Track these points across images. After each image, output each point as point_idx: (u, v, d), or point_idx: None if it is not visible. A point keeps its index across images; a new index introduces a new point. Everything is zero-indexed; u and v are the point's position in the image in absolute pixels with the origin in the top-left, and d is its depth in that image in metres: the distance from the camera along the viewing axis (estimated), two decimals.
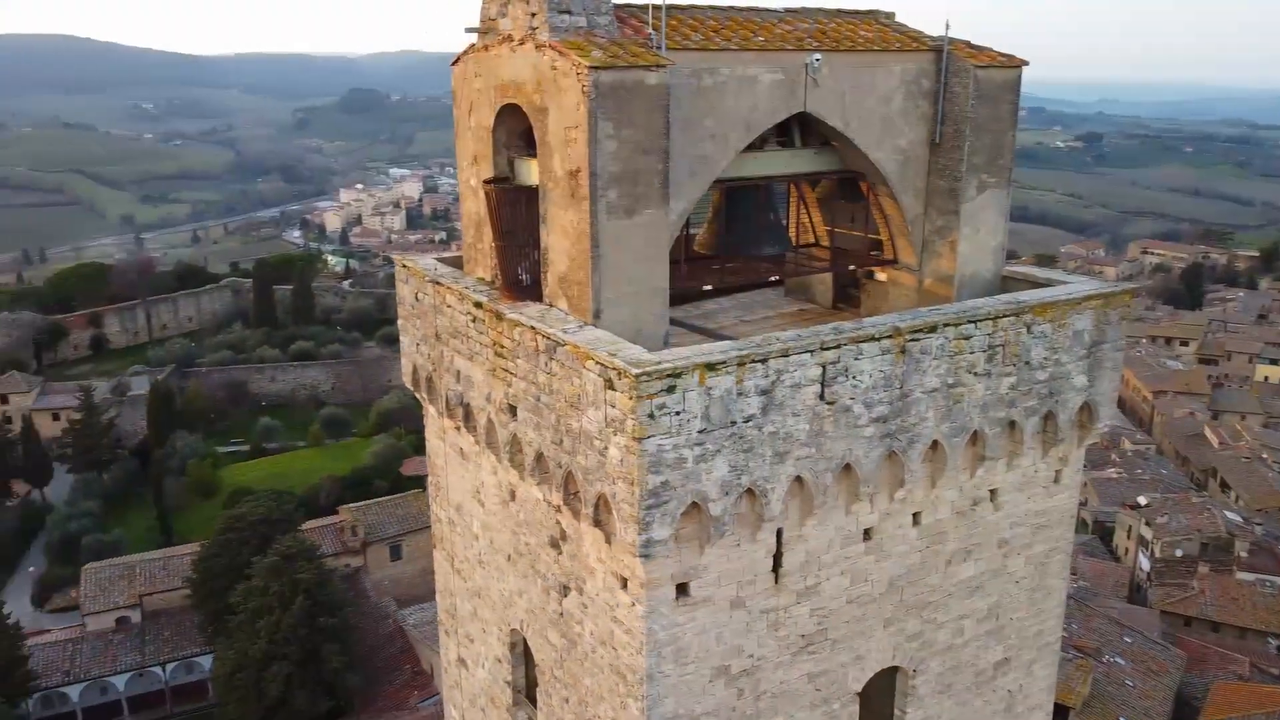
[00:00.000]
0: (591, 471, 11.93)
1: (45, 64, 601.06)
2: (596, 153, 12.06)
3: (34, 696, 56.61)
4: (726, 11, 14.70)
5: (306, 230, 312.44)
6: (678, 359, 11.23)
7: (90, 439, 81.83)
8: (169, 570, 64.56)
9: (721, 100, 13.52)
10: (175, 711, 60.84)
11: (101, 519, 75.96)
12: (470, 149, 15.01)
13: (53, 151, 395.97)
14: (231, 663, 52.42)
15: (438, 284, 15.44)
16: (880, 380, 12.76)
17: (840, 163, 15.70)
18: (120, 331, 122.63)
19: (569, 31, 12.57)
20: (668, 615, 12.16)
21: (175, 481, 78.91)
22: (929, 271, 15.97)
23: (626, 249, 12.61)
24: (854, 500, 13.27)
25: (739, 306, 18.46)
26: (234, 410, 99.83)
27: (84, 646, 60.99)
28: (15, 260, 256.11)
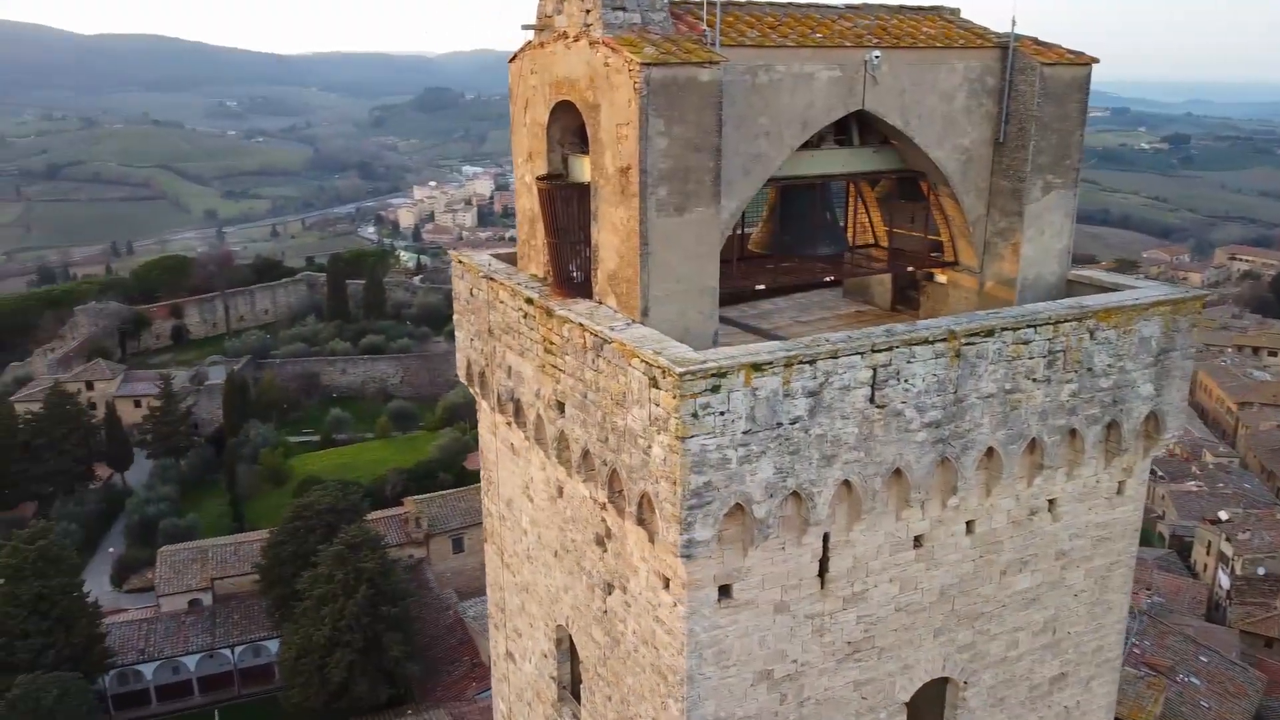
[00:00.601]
0: (635, 470, 11.87)
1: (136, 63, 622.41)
2: (647, 149, 12.00)
3: (110, 673, 58.53)
4: (785, 8, 14.52)
5: (381, 226, 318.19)
6: (723, 358, 11.11)
7: (169, 426, 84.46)
8: (239, 555, 66.22)
9: (777, 97, 13.34)
10: (243, 693, 62.25)
11: (177, 504, 78.32)
12: (525, 146, 15.07)
13: (142, 147, 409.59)
14: (296, 648, 53.57)
15: (491, 280, 15.53)
16: (933, 384, 12.47)
17: (900, 162, 15.40)
18: (200, 322, 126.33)
19: (623, 28, 12.53)
20: (709, 617, 12.04)
21: (248, 469, 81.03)
22: (990, 274, 15.58)
23: (676, 247, 12.53)
24: (904, 506, 12.99)
25: (796, 307, 18.25)
26: (306, 401, 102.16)
27: (158, 626, 62.87)
28: (104, 252, 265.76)
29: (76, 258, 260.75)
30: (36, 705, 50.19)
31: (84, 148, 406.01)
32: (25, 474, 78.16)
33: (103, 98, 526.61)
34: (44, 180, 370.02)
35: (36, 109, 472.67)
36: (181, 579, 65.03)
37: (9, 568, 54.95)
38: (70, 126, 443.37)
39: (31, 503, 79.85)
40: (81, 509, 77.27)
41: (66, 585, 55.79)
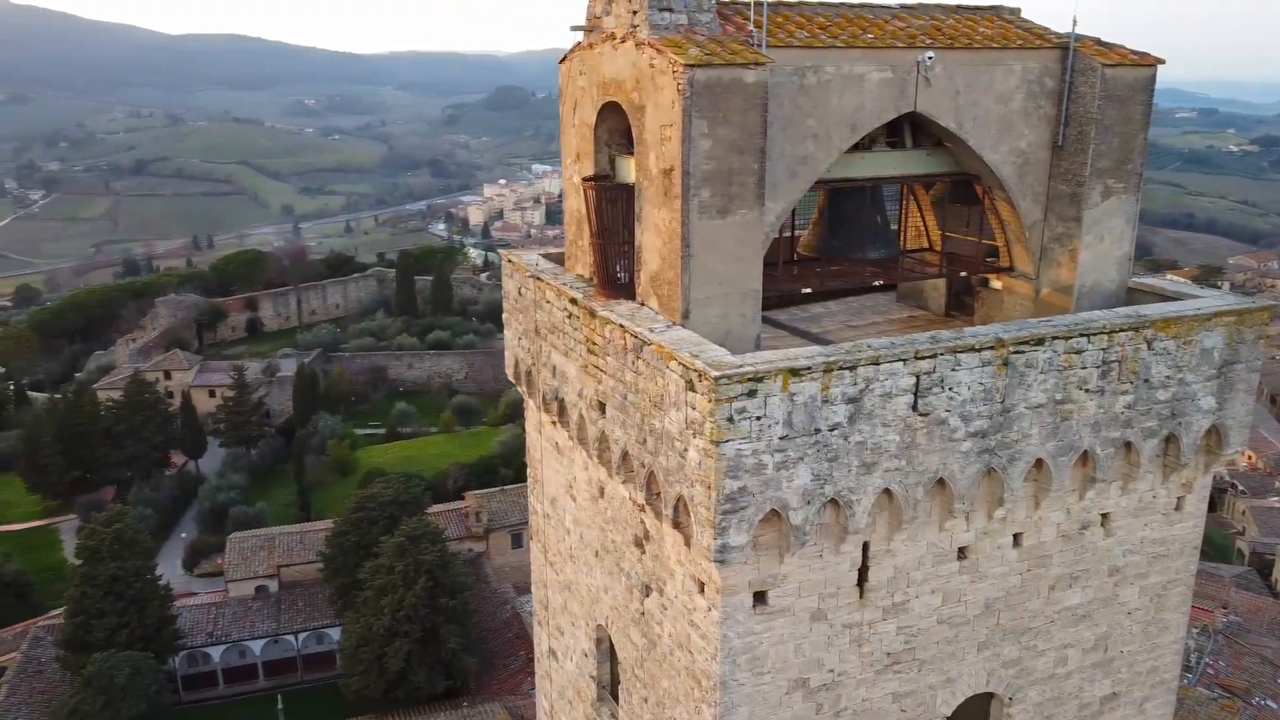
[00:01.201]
0: (672, 473, 11.83)
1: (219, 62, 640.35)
2: (690, 151, 11.94)
3: (180, 654, 60.34)
4: (837, 8, 14.33)
5: (450, 223, 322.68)
6: (760, 363, 11.00)
7: (241, 416, 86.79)
8: (305, 544, 67.72)
9: (825, 99, 13.17)
10: (306, 679, 63.62)
11: (247, 491, 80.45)
12: (574, 146, 15.12)
13: (223, 144, 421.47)
14: (357, 636, 54.58)
15: (538, 279, 15.62)
16: (980, 393, 12.19)
17: (954, 164, 15.09)
18: (273, 315, 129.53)
19: (669, 29, 12.49)
20: (744, 623, 11.94)
21: (315, 460, 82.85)
22: (1047, 281, 15.18)
23: (718, 249, 12.45)
24: (948, 517, 12.73)
25: (848, 311, 18.02)
26: (373, 394, 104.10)
27: (226, 611, 64.62)
28: (186, 245, 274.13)
29: (160, 251, 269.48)
30: (110, 683, 51.97)
31: (169, 144, 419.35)
32: (106, 459, 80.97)
33: (188, 95, 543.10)
34: (131, 175, 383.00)
35: (125, 107, 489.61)
36: (249, 565, 66.76)
37: (86, 549, 56.98)
38: (157, 124, 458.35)
39: (111, 487, 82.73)
40: (157, 494, 79.79)
41: (140, 568, 57.59)
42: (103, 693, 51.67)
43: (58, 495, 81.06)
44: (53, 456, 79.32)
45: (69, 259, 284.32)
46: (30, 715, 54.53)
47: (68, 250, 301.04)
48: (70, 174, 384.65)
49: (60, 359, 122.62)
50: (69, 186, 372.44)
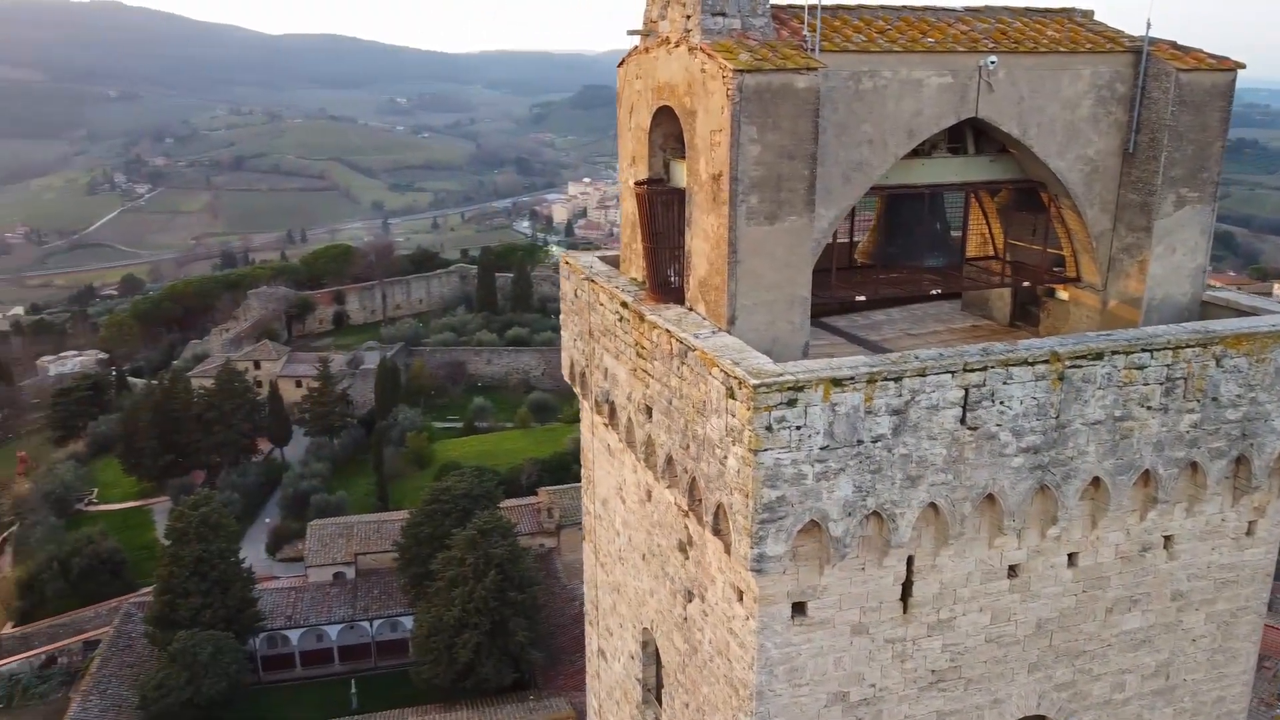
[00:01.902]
0: (713, 479, 11.79)
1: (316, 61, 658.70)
2: (738, 157, 11.86)
3: (260, 635, 62.33)
4: (898, 11, 14.08)
5: (535, 221, 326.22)
6: (801, 372, 10.89)
7: (325, 406, 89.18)
8: (382, 533, 69.27)
9: (882, 104, 12.95)
10: (379, 665, 65.10)
11: (329, 480, 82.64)
12: (630, 149, 15.17)
13: (318, 141, 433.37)
14: (428, 625, 55.65)
15: (592, 281, 15.71)
16: (1033, 408, 11.85)
17: (1019, 171, 14.70)
18: (359, 309, 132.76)
19: (722, 34, 12.42)
20: (782, 633, 11.83)
21: (394, 451, 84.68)
22: (1114, 292, 14.68)
23: (766, 256, 12.34)
24: (997, 533, 12.41)
25: (910, 319, 17.71)
26: (452, 388, 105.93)
27: (305, 595, 66.53)
28: (281, 239, 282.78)
29: (256, 244, 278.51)
30: (193, 660, 54.01)
31: (267, 141, 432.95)
32: (197, 444, 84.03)
33: (285, 93, 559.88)
34: (230, 171, 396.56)
35: (227, 104, 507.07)
36: (328, 552, 68.58)
37: (175, 531, 59.28)
38: (255, 121, 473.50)
39: (202, 471, 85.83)
40: (244, 480, 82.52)
41: (225, 550, 59.68)
42: (186, 669, 53.71)
43: (152, 478, 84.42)
44: (148, 440, 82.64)
45: (172, 251, 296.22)
46: (120, 687, 56.99)
47: (171, 242, 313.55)
48: (174, 169, 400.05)
49: (159, 347, 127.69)
50: (173, 181, 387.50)
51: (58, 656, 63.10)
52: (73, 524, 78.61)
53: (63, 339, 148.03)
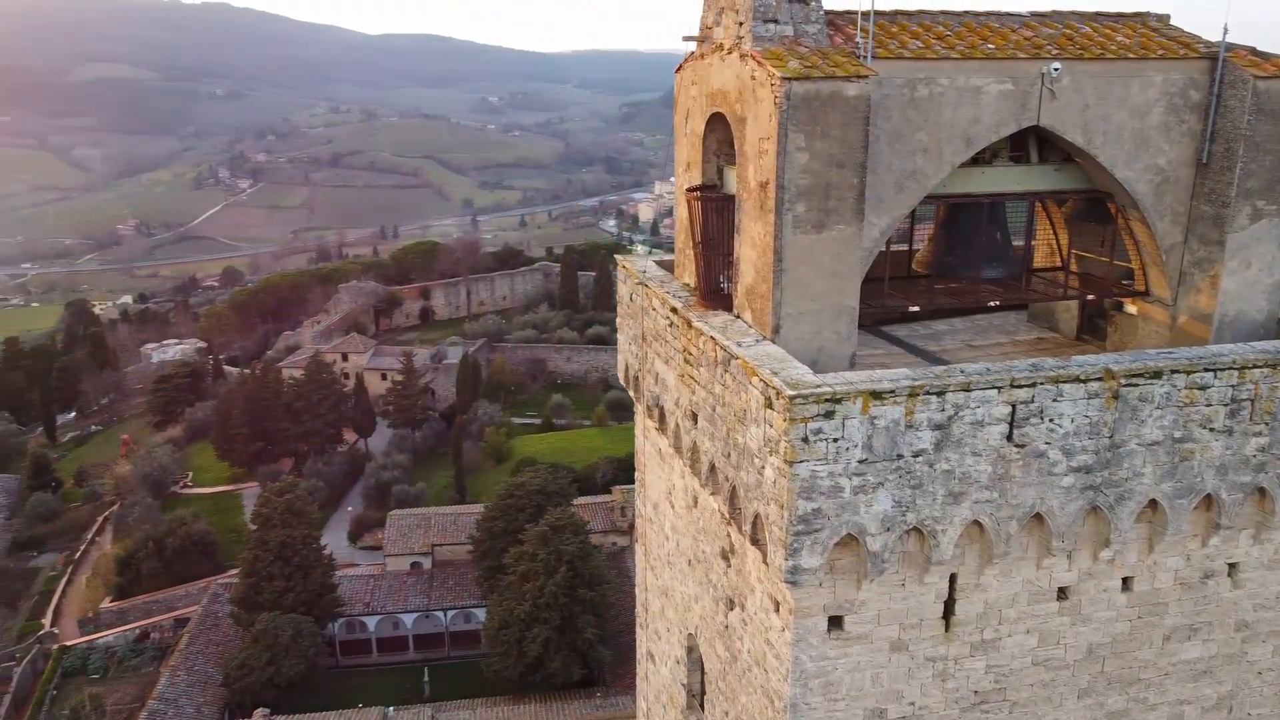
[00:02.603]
0: (751, 489, 11.74)
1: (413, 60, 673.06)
2: (785, 165, 11.78)
3: (339, 621, 64.09)
4: (960, 16, 13.79)
5: (621, 220, 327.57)
6: (839, 384, 10.76)
7: (408, 400, 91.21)
8: (458, 525, 70.52)
9: (938, 112, 12.71)
10: (452, 655, 66.32)
11: (409, 472, 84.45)
12: (685, 155, 15.17)
13: (412, 139, 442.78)
14: (499, 619, 56.46)
15: (645, 286, 15.76)
16: (1084, 426, 11.49)
17: (1085, 181, 14.26)
18: (444, 304, 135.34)
19: (773, 41, 12.34)
20: (817, 647, 11.71)
21: (473, 445, 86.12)
22: (1185, 308, 14.14)
23: (812, 264, 12.23)
24: (1045, 554, 12.07)
25: (972, 329, 17.33)
26: (531, 385, 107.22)
27: (383, 583, 68.18)
28: (374, 235, 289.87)
29: (350, 239, 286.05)
30: (274, 641, 55.90)
31: (363, 138, 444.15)
32: (286, 433, 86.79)
33: (383, 92, 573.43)
34: (328, 167, 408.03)
35: (327, 102, 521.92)
36: (406, 542, 70.12)
37: (260, 516, 61.38)
38: (353, 119, 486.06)
39: (289, 459, 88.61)
40: (329, 468, 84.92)
41: (307, 537, 61.58)
42: (268, 650, 55.61)
43: (243, 463, 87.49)
44: (240, 427, 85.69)
45: (270, 244, 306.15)
46: (206, 664, 59.29)
47: (270, 236, 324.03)
48: (275, 165, 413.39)
49: (254, 337, 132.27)
50: (274, 176, 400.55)
51: (150, 632, 65.85)
52: (168, 505, 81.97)
53: (166, 327, 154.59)
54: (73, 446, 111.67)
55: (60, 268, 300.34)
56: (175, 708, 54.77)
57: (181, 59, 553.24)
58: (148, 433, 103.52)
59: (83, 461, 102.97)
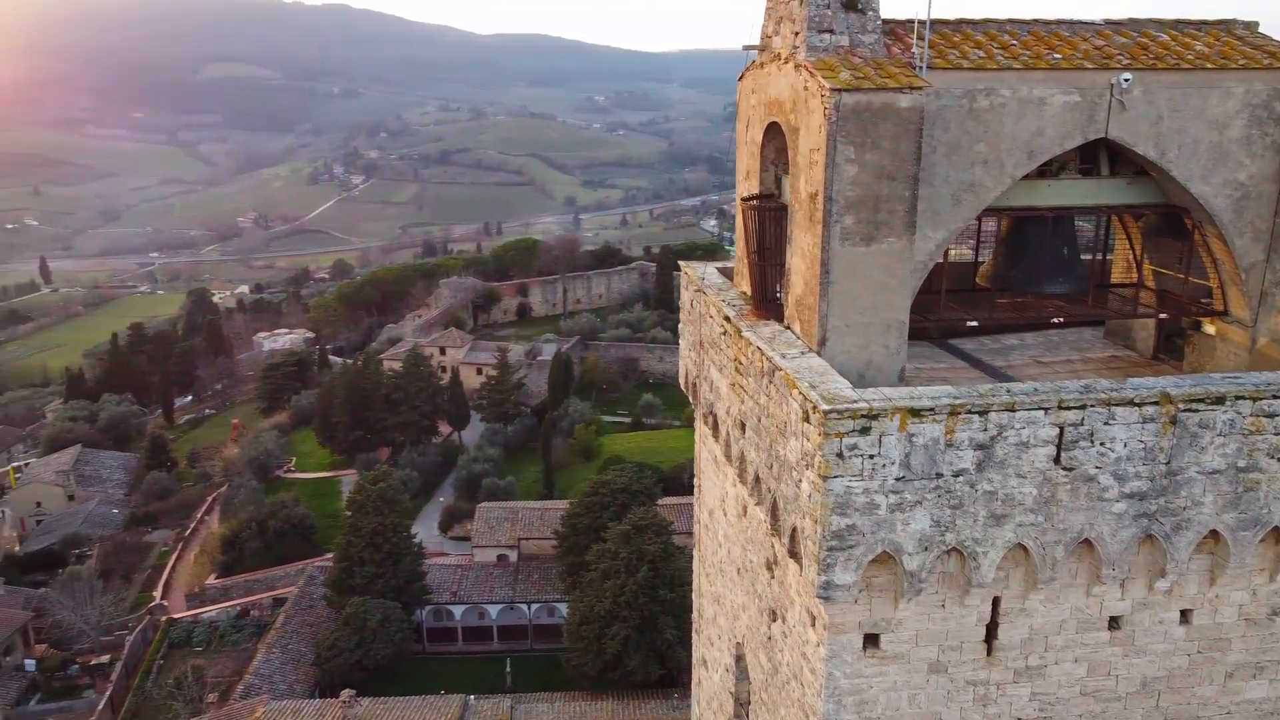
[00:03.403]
0: (790, 502, 11.69)
1: (522, 59, 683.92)
2: (833, 177, 11.69)
3: (426, 608, 65.70)
4: (1028, 25, 13.44)
5: (721, 220, 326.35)
6: (876, 399, 10.63)
7: (501, 395, 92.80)
8: (545, 520, 71.46)
9: (998, 124, 12.43)
10: (535, 648, 67.32)
11: (500, 465, 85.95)
12: (745, 164, 15.16)
13: (518, 137, 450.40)
14: (580, 615, 57.02)
15: (702, 293, 15.80)
16: (1138, 451, 11.09)
17: (1159, 195, 13.73)
18: (541, 301, 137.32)
19: (828, 51, 12.25)
20: (852, 664, 11.59)
21: (563, 442, 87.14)
22: (1265, 329, 13.50)
23: (861, 277, 12.10)
24: (1095, 581, 11.68)
25: (1045, 345, 16.85)
26: (623, 384, 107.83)
27: (470, 574, 69.60)
28: (478, 231, 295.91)
29: (455, 235, 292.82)
30: (363, 625, 57.65)
31: (472, 136, 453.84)
32: (384, 423, 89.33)
33: (491, 91, 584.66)
34: (437, 165, 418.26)
35: (438, 101, 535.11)
36: (493, 534, 71.43)
37: (354, 503, 63.39)
38: (462, 117, 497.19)
39: (386, 448, 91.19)
40: (423, 459, 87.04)
41: (398, 525, 63.28)
42: (357, 633, 57.39)
43: (343, 451, 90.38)
44: (341, 416, 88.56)
45: (379, 239, 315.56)
46: (299, 644, 61.57)
47: (379, 230, 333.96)
48: (386, 161, 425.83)
49: (359, 328, 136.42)
50: (385, 173, 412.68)
51: (250, 609, 68.75)
52: (272, 488, 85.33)
53: (278, 317, 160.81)
54: (188, 429, 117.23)
55: (185, 257, 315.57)
56: (269, 684, 57.04)
57: (302, 58, 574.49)
58: (256, 418, 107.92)
59: (196, 443, 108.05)
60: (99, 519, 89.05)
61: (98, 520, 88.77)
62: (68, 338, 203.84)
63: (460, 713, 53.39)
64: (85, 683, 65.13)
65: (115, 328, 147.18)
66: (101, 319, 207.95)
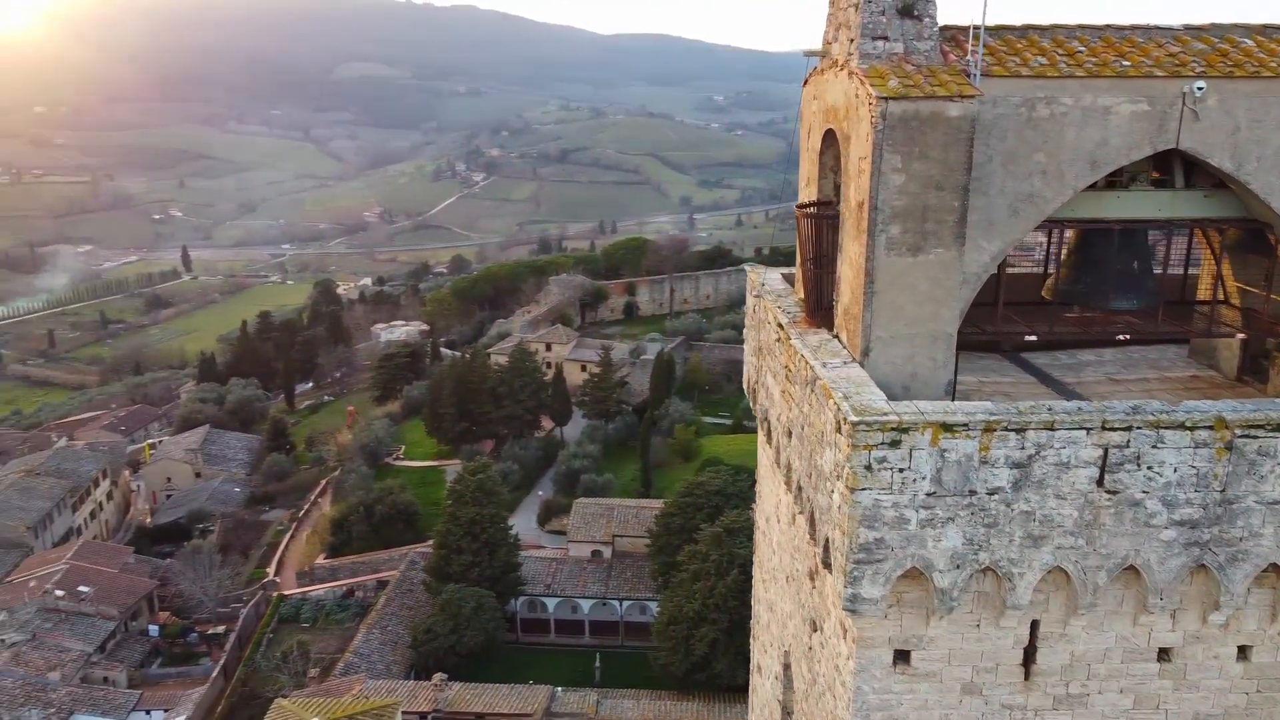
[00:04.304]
0: (824, 512, 11.63)
1: (642, 59, 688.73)
2: (879, 185, 11.56)
3: (520, 599, 67.01)
4: (1101, 31, 12.97)
5: None
6: (907, 412, 10.49)
7: (603, 392, 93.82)
8: (640, 518, 71.94)
9: (1059, 133, 12.07)
10: (626, 644, 67.85)
11: (599, 462, 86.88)
12: (805, 170, 15.09)
13: (636, 137, 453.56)
14: (669, 614, 57.28)
15: (761, 299, 15.78)
16: (1190, 477, 10.62)
17: (1239, 209, 13.08)
18: (649, 301, 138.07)
19: (881, 58, 12.11)
20: (881, 679, 11.46)
21: (662, 441, 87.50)
22: None
23: (907, 288, 11.92)
24: (1143, 611, 11.23)
25: (1122, 362, 16.22)
26: (725, 386, 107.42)
27: (564, 568, 70.63)
28: (593, 230, 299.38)
29: (571, 232, 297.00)
30: (458, 611, 59.23)
31: (590, 135, 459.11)
32: (488, 415, 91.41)
33: (612, 90, 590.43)
34: (556, 163, 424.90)
35: (558, 100, 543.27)
36: (589, 530, 72.30)
37: (454, 492, 65.14)
38: (582, 116, 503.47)
39: (490, 440, 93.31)
40: (525, 452, 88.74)
41: (495, 515, 64.73)
42: (452, 619, 59.01)
43: (449, 441, 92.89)
44: (448, 407, 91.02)
45: (497, 235, 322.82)
46: (398, 626, 63.67)
47: (498, 227, 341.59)
48: (507, 160, 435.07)
49: (472, 323, 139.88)
50: (505, 171, 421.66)
51: (355, 590, 71.36)
52: (380, 475, 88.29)
53: (395, 309, 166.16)
54: (307, 414, 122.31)
55: (313, 249, 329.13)
56: (368, 662, 59.17)
57: (430, 58, 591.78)
58: (370, 406, 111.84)
59: (314, 428, 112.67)
60: (222, 496, 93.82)
61: (221, 497, 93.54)
62: (204, 323, 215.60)
63: (547, 703, 54.30)
64: (202, 650, 68.79)
65: (246, 315, 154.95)
66: (235, 306, 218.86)
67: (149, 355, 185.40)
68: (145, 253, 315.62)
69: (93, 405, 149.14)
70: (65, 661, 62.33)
